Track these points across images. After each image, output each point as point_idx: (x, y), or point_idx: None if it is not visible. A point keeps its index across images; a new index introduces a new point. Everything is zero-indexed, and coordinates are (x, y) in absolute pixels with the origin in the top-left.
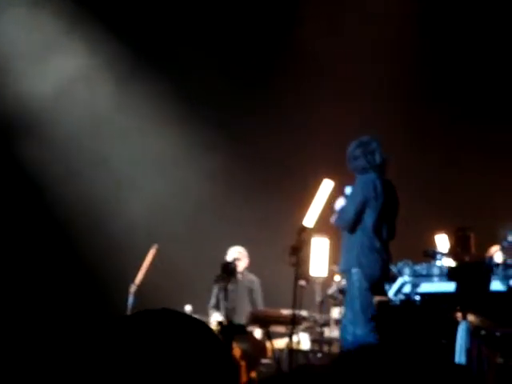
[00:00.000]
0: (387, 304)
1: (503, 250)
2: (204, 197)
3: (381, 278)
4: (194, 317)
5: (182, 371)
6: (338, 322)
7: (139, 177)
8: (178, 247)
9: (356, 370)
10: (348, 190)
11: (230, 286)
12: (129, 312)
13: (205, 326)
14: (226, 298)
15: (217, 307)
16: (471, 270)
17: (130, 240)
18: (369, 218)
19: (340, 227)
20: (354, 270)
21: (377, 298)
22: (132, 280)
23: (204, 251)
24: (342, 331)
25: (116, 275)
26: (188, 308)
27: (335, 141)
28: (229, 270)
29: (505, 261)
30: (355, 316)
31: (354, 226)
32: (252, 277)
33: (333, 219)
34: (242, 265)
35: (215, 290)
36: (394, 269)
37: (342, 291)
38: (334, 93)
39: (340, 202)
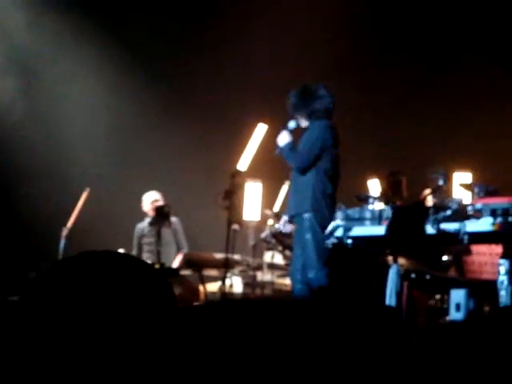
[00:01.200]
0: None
1: (433, 193)
2: (136, 140)
3: (329, 223)
4: (136, 257)
5: (128, 309)
6: (270, 265)
7: (69, 113)
8: (109, 189)
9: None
10: (292, 124)
11: (163, 230)
12: (60, 255)
13: (148, 265)
14: (158, 241)
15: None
16: (406, 213)
17: (63, 181)
18: (324, 163)
19: (293, 167)
20: (308, 215)
21: None
22: (64, 223)
23: (135, 194)
24: (292, 277)
25: (48, 218)
26: (121, 251)
27: (269, 85)
28: (163, 213)
29: (435, 204)
30: (309, 260)
31: (307, 169)
32: (173, 219)
33: (277, 151)
34: None
35: (136, 239)
36: None
37: (274, 235)
38: (270, 37)
39: (283, 137)
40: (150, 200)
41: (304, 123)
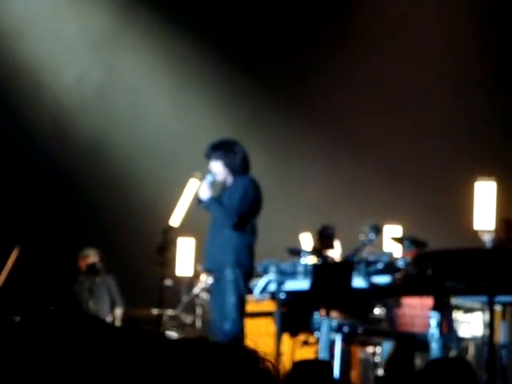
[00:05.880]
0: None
1: (365, 246)
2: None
3: (252, 275)
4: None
5: None
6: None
7: None
8: (39, 247)
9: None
10: (209, 177)
11: (95, 287)
12: None
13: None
14: (91, 299)
15: None
16: (333, 268)
17: None
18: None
19: (228, 223)
20: (231, 269)
21: None
22: None
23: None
24: (213, 329)
25: None
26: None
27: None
28: (95, 270)
29: (367, 258)
30: (227, 312)
31: (240, 224)
32: (106, 276)
33: (197, 206)
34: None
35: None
36: (259, 267)
37: (208, 290)
38: None
39: (204, 190)
40: (82, 257)
41: (221, 176)
